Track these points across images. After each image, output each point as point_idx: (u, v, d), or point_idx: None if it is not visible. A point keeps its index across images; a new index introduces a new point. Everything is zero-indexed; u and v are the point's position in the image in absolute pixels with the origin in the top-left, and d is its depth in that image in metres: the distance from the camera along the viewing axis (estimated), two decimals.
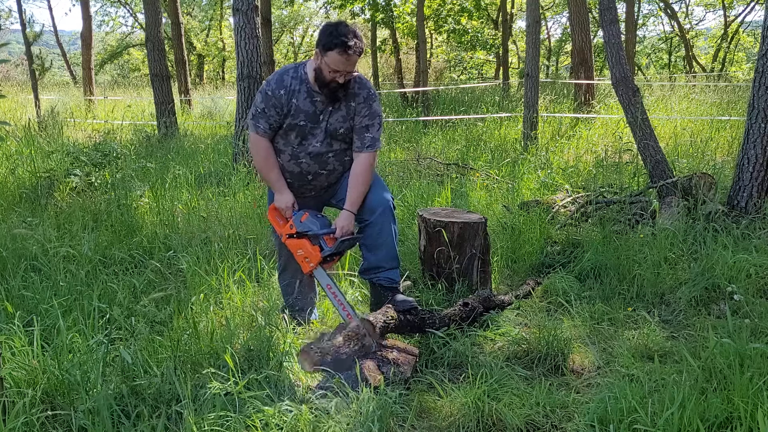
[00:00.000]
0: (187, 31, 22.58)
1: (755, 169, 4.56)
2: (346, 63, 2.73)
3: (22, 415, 2.29)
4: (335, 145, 2.99)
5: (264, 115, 2.89)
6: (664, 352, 2.99)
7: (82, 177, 5.90)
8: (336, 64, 2.73)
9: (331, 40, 2.71)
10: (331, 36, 2.72)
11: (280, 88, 2.87)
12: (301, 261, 2.97)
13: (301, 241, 2.94)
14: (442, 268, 3.69)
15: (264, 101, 2.89)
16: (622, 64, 5.31)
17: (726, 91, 12.99)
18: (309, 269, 2.96)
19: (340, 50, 2.70)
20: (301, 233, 2.94)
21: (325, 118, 2.92)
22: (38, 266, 3.91)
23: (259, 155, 2.96)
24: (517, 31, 24.59)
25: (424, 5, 13.39)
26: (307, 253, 2.93)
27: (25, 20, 10.54)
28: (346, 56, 2.71)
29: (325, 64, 2.76)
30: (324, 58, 2.76)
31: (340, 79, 2.79)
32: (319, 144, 2.96)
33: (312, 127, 2.93)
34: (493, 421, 2.45)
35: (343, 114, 2.94)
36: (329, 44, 2.72)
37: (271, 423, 2.29)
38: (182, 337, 2.91)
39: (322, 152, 2.97)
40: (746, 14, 22.66)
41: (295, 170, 3.01)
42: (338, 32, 2.71)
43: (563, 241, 4.48)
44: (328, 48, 2.73)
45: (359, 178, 2.97)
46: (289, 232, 2.97)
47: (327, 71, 2.77)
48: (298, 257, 2.97)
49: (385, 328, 2.85)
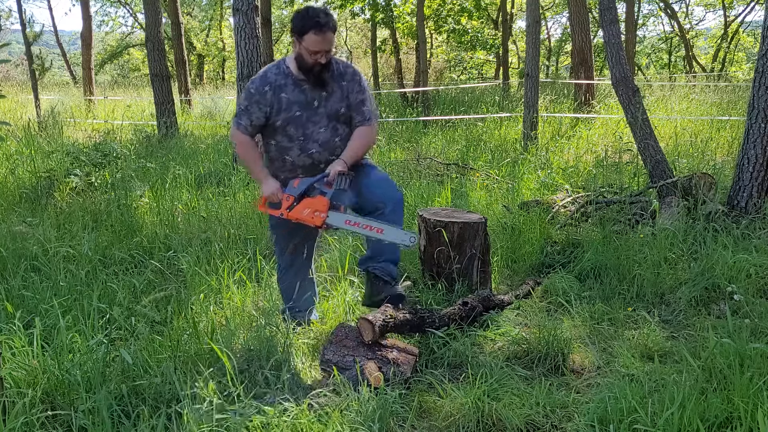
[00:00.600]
0: (187, 31, 22.58)
1: (755, 169, 4.56)
2: (323, 41, 2.81)
3: (22, 415, 2.29)
4: (340, 128, 3.03)
5: (246, 113, 2.95)
6: (664, 352, 2.99)
7: (82, 177, 5.91)
8: (314, 45, 2.81)
9: (305, 23, 2.81)
10: (303, 20, 2.82)
11: (264, 85, 2.92)
12: (311, 219, 2.92)
13: (303, 202, 2.93)
14: (442, 268, 3.69)
15: (247, 98, 2.95)
16: (622, 64, 5.31)
17: (726, 91, 12.99)
18: (322, 219, 2.90)
19: (316, 30, 2.79)
20: (300, 195, 2.93)
21: (322, 104, 2.97)
22: (38, 266, 3.91)
23: (240, 149, 3.04)
24: (517, 31, 24.59)
25: (424, 5, 13.39)
26: (313, 205, 2.91)
27: (25, 20, 10.54)
28: (322, 34, 2.79)
29: (304, 49, 2.84)
30: (302, 43, 2.83)
31: (321, 59, 2.86)
32: (323, 129, 2.98)
33: (310, 115, 2.96)
34: (493, 421, 2.45)
35: (338, 95, 2.99)
36: (304, 28, 2.81)
37: (272, 423, 2.28)
38: (182, 337, 2.91)
39: (329, 138, 3.00)
40: (746, 14, 22.68)
41: (307, 162, 3.02)
42: (309, 15, 2.81)
43: (563, 241, 4.48)
44: (303, 32, 2.81)
45: (358, 140, 3.02)
46: (288, 204, 2.95)
47: (307, 55, 2.85)
48: (307, 218, 2.92)
49: (384, 327, 2.85)
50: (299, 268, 3.26)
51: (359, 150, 3.00)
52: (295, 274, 3.25)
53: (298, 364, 2.85)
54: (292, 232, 3.16)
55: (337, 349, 2.79)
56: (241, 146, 3.02)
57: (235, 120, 2.99)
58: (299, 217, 2.92)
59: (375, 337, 2.80)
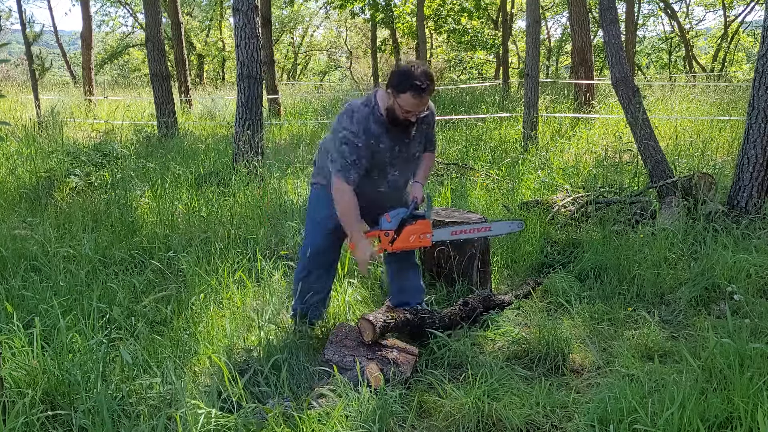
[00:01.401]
0: (187, 31, 22.58)
1: (755, 169, 4.56)
2: (419, 104, 2.82)
3: (22, 415, 2.29)
4: (409, 170, 3.13)
5: (355, 166, 2.86)
6: (664, 352, 2.99)
7: (82, 177, 5.90)
8: (410, 106, 2.81)
9: (405, 82, 2.78)
10: (404, 78, 2.79)
11: (370, 138, 2.88)
12: (419, 243, 3.08)
13: (405, 231, 3.04)
14: (442, 268, 3.70)
15: (355, 152, 2.85)
16: (622, 64, 5.31)
17: (726, 91, 12.98)
18: (430, 240, 3.08)
19: (414, 93, 2.77)
20: (399, 227, 3.04)
21: (404, 149, 3.01)
22: (38, 266, 3.91)
23: (346, 204, 2.90)
24: (517, 31, 24.60)
25: (424, 5, 13.40)
26: (418, 231, 3.05)
27: (25, 20, 10.53)
28: (419, 98, 2.79)
29: (398, 105, 2.83)
30: (397, 99, 2.82)
31: (412, 118, 2.89)
32: (398, 173, 3.06)
33: (392, 158, 3.00)
34: (493, 421, 2.45)
35: (418, 139, 3.05)
36: (402, 87, 2.78)
37: (272, 423, 2.28)
38: (182, 337, 2.91)
39: (398, 179, 3.09)
40: (746, 14, 22.71)
41: (373, 197, 3.08)
42: (411, 76, 2.78)
43: (563, 241, 4.48)
44: (401, 90, 2.79)
45: (426, 160, 3.21)
46: (389, 239, 3.06)
47: (400, 111, 2.84)
48: (415, 244, 3.07)
49: (385, 328, 2.85)
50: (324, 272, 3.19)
51: (428, 172, 3.25)
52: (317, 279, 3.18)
53: (298, 364, 2.85)
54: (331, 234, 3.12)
55: (337, 348, 2.79)
56: (349, 201, 2.88)
57: (342, 174, 2.86)
58: (407, 246, 3.07)
59: (375, 338, 2.80)
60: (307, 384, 2.72)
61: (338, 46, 32.49)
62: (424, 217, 3.05)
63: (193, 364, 2.79)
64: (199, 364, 2.80)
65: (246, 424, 2.28)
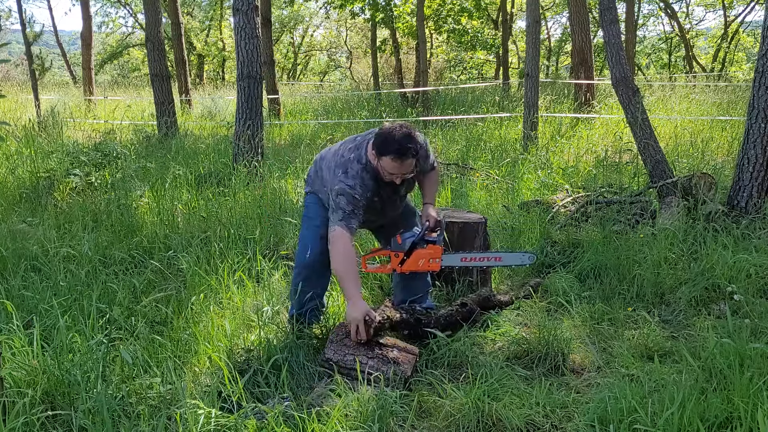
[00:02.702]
0: (187, 31, 22.57)
1: (755, 169, 4.56)
2: (401, 167, 2.80)
3: (22, 415, 2.29)
4: (403, 202, 3.23)
5: (354, 216, 2.87)
6: (664, 352, 2.99)
7: (82, 177, 5.90)
8: (391, 169, 2.81)
9: (386, 147, 2.77)
10: (385, 143, 2.78)
11: (367, 192, 2.90)
12: (428, 267, 3.12)
13: (414, 254, 3.09)
14: (442, 269, 3.69)
15: (352, 203, 2.86)
16: (622, 64, 5.31)
17: (726, 91, 12.98)
18: (439, 265, 3.12)
19: (394, 157, 2.76)
20: (410, 249, 3.08)
21: (399, 194, 3.10)
22: (38, 266, 3.91)
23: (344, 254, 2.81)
24: (517, 31, 24.59)
25: (424, 5, 13.39)
26: (428, 255, 3.10)
27: (25, 20, 10.53)
28: (399, 162, 2.77)
29: (381, 167, 2.85)
30: (380, 161, 2.83)
31: (397, 180, 2.88)
32: (392, 212, 3.19)
33: (386, 204, 3.08)
34: (493, 421, 2.45)
35: (411, 181, 3.09)
36: (383, 150, 2.78)
37: (272, 423, 2.28)
38: (182, 337, 2.91)
39: (394, 210, 3.19)
40: (746, 14, 22.69)
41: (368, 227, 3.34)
42: (392, 139, 2.76)
43: (563, 241, 4.47)
44: (382, 153, 2.79)
45: (431, 180, 3.26)
46: (398, 260, 3.10)
47: (384, 173, 2.87)
48: (424, 267, 3.11)
49: (380, 328, 2.83)
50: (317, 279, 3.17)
51: (436, 190, 3.32)
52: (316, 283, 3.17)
53: (298, 363, 2.85)
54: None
55: (337, 348, 2.79)
56: (347, 251, 2.80)
57: (344, 223, 2.83)
58: (416, 269, 3.12)
59: (369, 337, 2.77)
60: (307, 384, 2.72)
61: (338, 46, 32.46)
62: (435, 242, 3.10)
63: (193, 364, 2.79)
64: (199, 364, 2.80)
65: (246, 424, 2.28)
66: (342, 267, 2.81)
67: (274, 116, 12.60)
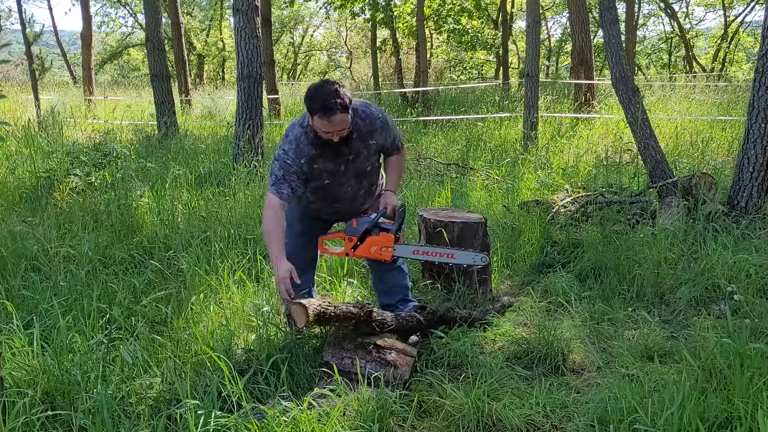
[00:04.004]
0: (187, 31, 22.57)
1: (755, 169, 4.56)
2: (330, 125, 2.72)
3: (22, 415, 2.29)
4: (364, 182, 3.08)
5: (286, 181, 2.86)
6: (664, 352, 2.99)
7: (82, 177, 5.91)
8: (322, 127, 2.74)
9: (312, 105, 2.72)
10: (310, 100, 2.73)
11: (300, 156, 2.86)
12: (380, 255, 3.02)
13: (368, 240, 3.00)
14: (442, 269, 3.69)
15: (284, 168, 2.85)
16: (622, 64, 5.31)
17: (726, 91, 12.99)
18: (391, 254, 3.02)
19: (321, 114, 2.69)
20: (364, 234, 3.00)
21: (349, 166, 2.97)
22: (38, 266, 3.91)
23: (271, 219, 2.86)
24: (517, 31, 24.58)
25: (424, 5, 13.39)
26: (380, 243, 3.00)
27: (25, 20, 10.53)
28: (327, 118, 2.69)
29: (316, 127, 2.78)
30: (312, 121, 2.78)
31: (334, 138, 2.79)
32: (350, 189, 3.04)
33: (337, 179, 2.98)
34: (493, 421, 2.45)
35: (364, 155, 2.98)
36: (311, 110, 2.73)
37: (272, 423, 2.28)
38: (182, 337, 2.91)
39: (354, 194, 3.08)
40: (746, 14, 22.66)
41: (330, 211, 3.15)
42: (316, 96, 2.71)
43: (563, 241, 4.47)
44: (311, 112, 2.74)
45: (395, 165, 3.14)
46: (351, 244, 3.02)
47: (320, 133, 2.79)
48: (375, 255, 3.02)
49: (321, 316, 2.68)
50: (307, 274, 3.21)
51: (399, 177, 3.16)
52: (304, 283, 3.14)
53: (298, 364, 2.85)
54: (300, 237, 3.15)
55: (335, 351, 2.78)
56: (275, 216, 2.84)
57: (274, 188, 2.85)
58: (367, 255, 3.03)
59: (309, 325, 2.65)
60: (307, 384, 2.72)
61: (338, 46, 32.48)
62: (389, 230, 2.99)
63: (193, 364, 2.79)
64: (199, 364, 2.79)
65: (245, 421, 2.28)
66: (266, 230, 2.87)
67: (275, 116, 12.61)
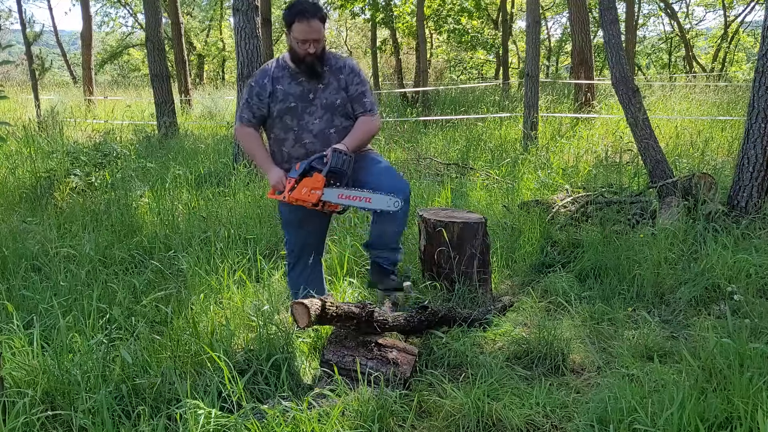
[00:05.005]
0: (187, 31, 22.57)
1: (755, 169, 4.56)
2: (309, 29, 2.91)
3: (22, 415, 2.29)
4: (336, 120, 3.07)
5: (248, 105, 3.07)
6: (664, 352, 2.99)
7: (82, 177, 5.91)
8: (301, 33, 2.91)
9: (290, 13, 2.93)
10: (290, 10, 2.94)
11: (264, 77, 3.05)
12: (307, 197, 2.95)
13: (302, 182, 2.97)
14: (442, 268, 3.69)
15: (248, 92, 3.08)
16: (622, 64, 5.31)
17: (726, 91, 12.98)
18: (317, 196, 2.94)
19: (300, 18, 2.90)
20: (300, 176, 2.96)
21: (318, 95, 3.04)
22: (38, 266, 3.91)
23: (245, 142, 3.15)
24: (517, 31, 24.59)
25: (424, 5, 13.40)
26: (311, 184, 2.95)
27: (25, 20, 10.54)
28: (306, 22, 2.90)
29: (294, 40, 2.94)
30: (291, 33, 2.95)
31: (310, 48, 2.94)
32: (318, 120, 3.05)
33: (305, 106, 3.04)
34: (493, 421, 2.45)
35: (334, 86, 3.06)
36: (290, 19, 2.93)
37: (272, 423, 2.28)
38: (182, 337, 2.91)
39: (324, 128, 3.06)
40: (746, 14, 22.64)
41: (301, 152, 3.07)
42: (295, 5, 2.93)
43: (563, 241, 4.47)
44: (290, 23, 2.93)
45: (360, 128, 3.07)
46: (290, 186, 2.98)
47: (297, 45, 2.94)
48: (304, 196, 2.94)
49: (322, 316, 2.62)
50: (304, 266, 3.29)
51: (361, 137, 3.05)
52: (300, 273, 3.29)
53: (298, 364, 2.85)
54: (300, 228, 3.23)
55: (336, 349, 2.79)
56: (245, 138, 3.12)
57: (238, 115, 3.12)
58: (299, 197, 2.97)
59: (310, 324, 2.61)
60: (308, 384, 2.72)
61: (338, 46, 32.47)
62: (320, 171, 2.92)
63: (193, 364, 2.79)
64: (199, 364, 2.79)
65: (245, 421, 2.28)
66: (248, 151, 3.20)
67: None
